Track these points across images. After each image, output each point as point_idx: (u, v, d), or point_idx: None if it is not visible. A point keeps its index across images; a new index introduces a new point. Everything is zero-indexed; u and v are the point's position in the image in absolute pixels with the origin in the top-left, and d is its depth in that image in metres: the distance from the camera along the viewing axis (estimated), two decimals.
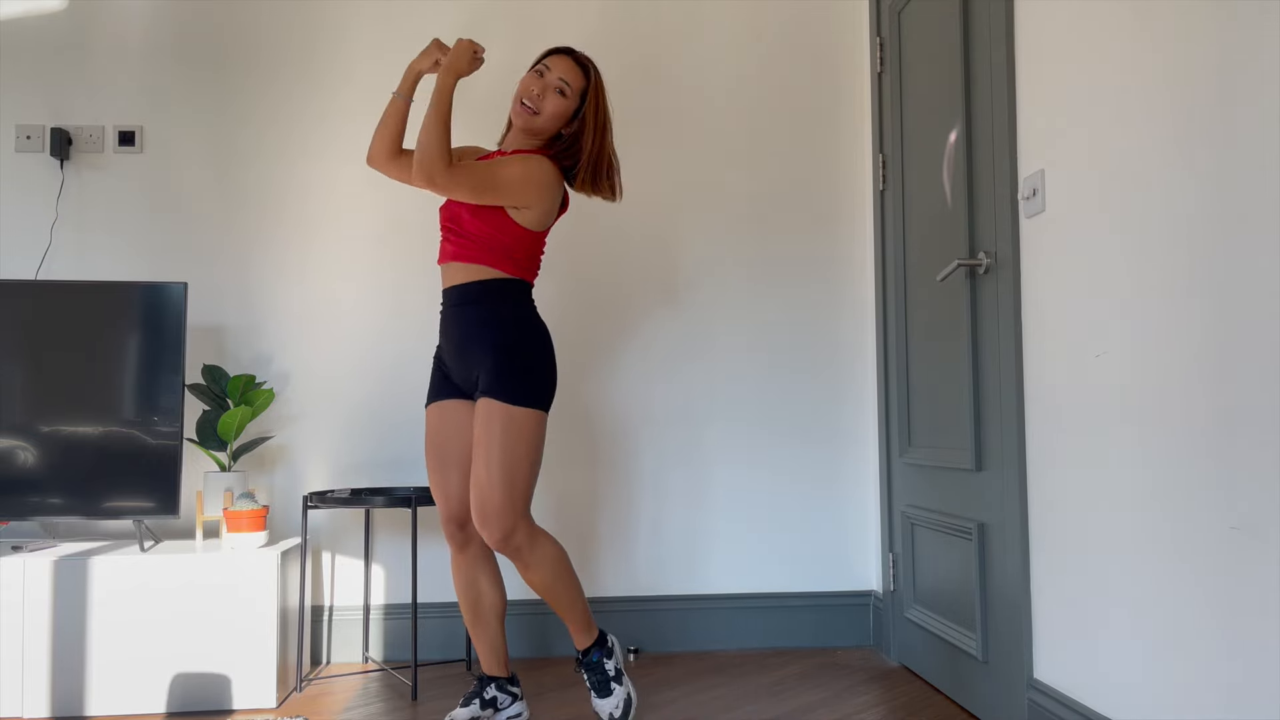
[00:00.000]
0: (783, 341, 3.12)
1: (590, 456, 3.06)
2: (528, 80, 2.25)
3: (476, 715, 2.22)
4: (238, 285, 3.02)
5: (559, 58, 2.27)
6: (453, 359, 2.24)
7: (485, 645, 2.30)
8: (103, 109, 3.01)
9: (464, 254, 2.20)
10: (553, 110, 2.24)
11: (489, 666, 2.30)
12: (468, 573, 2.28)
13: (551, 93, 2.24)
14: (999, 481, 2.19)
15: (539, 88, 2.24)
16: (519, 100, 2.24)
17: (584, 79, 2.28)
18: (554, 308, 3.06)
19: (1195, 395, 1.52)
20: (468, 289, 2.20)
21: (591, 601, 3.02)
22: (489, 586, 2.29)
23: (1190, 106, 1.53)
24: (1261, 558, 1.38)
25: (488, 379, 2.15)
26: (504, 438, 2.11)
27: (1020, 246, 2.09)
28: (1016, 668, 2.10)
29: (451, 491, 2.24)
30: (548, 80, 2.25)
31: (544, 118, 2.24)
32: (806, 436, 3.11)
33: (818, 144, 3.16)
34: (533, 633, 3.00)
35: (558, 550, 2.21)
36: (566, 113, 2.27)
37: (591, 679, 2.27)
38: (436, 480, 2.26)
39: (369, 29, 3.09)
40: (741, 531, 3.08)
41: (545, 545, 2.18)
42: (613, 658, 2.30)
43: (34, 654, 2.43)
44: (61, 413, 2.62)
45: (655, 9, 3.14)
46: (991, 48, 2.19)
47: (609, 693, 2.26)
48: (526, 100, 2.24)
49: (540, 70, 2.26)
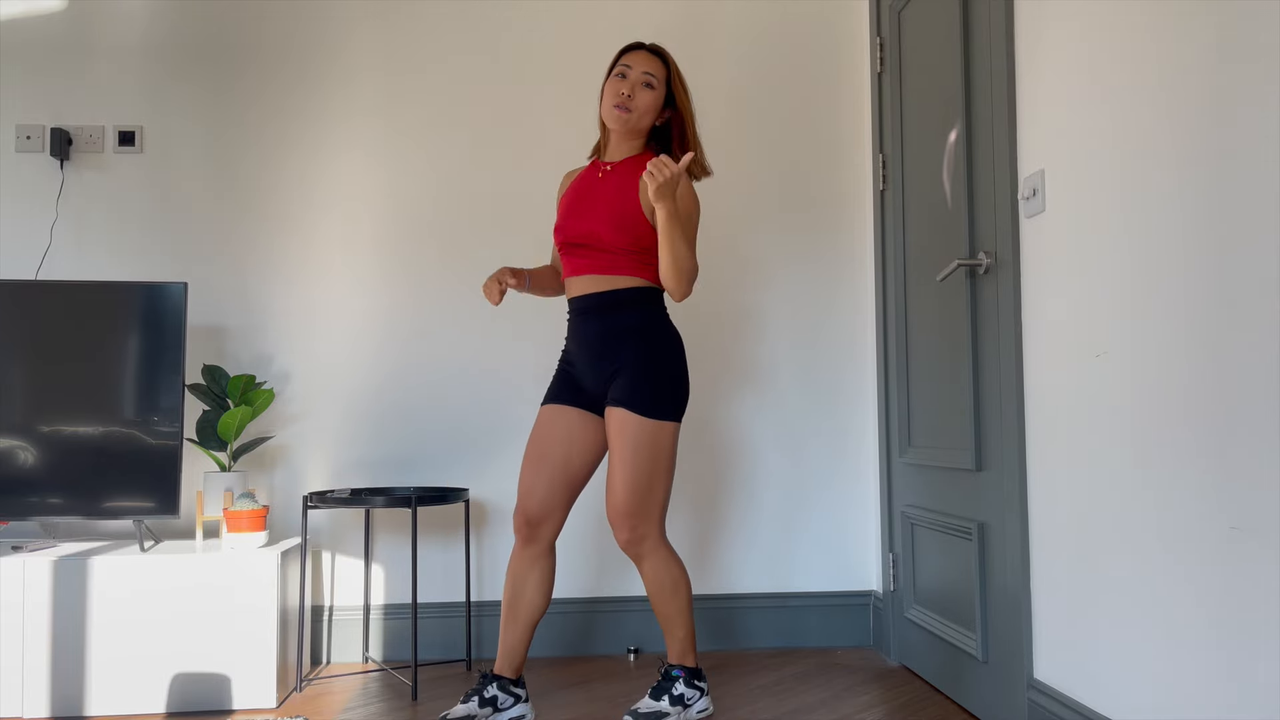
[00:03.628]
0: (782, 341, 3.12)
1: None
2: (613, 85, 2.28)
3: (472, 713, 2.22)
4: (238, 285, 3.02)
5: (634, 54, 2.30)
6: (588, 366, 2.27)
7: (506, 642, 2.30)
8: (103, 109, 3.01)
9: (607, 266, 2.24)
10: (645, 105, 2.28)
11: (500, 664, 2.30)
12: (521, 569, 2.28)
13: (640, 88, 2.27)
14: (999, 481, 2.19)
15: (627, 88, 2.26)
16: (612, 106, 2.26)
17: (664, 67, 2.32)
18: (554, 308, 3.06)
19: (1195, 395, 1.52)
20: (615, 296, 2.24)
21: (593, 602, 3.02)
22: (535, 590, 2.28)
23: (1190, 106, 1.53)
24: (1261, 557, 1.38)
25: (625, 390, 2.19)
26: (642, 451, 2.17)
27: (1020, 246, 2.09)
28: (1016, 668, 2.10)
29: (536, 490, 2.26)
30: (632, 78, 2.27)
31: (639, 114, 2.27)
32: (806, 436, 3.11)
33: (818, 144, 3.16)
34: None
35: (677, 569, 2.25)
36: (657, 104, 2.30)
37: (660, 684, 2.27)
38: (527, 474, 2.28)
39: (369, 29, 3.09)
40: (741, 531, 3.08)
41: (667, 560, 2.24)
42: (692, 692, 2.27)
43: (34, 654, 2.43)
44: (61, 413, 2.62)
45: (655, 9, 3.14)
46: (991, 48, 2.19)
47: (660, 700, 2.24)
48: (619, 103, 2.25)
49: (621, 72, 2.29)
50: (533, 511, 2.26)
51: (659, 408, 2.19)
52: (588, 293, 2.26)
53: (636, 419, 2.17)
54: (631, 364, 2.20)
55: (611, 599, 3.03)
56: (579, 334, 2.28)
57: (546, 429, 2.29)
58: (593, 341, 2.25)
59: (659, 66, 2.30)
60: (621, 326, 2.23)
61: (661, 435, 2.19)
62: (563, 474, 2.26)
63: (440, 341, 3.05)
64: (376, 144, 3.07)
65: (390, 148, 3.07)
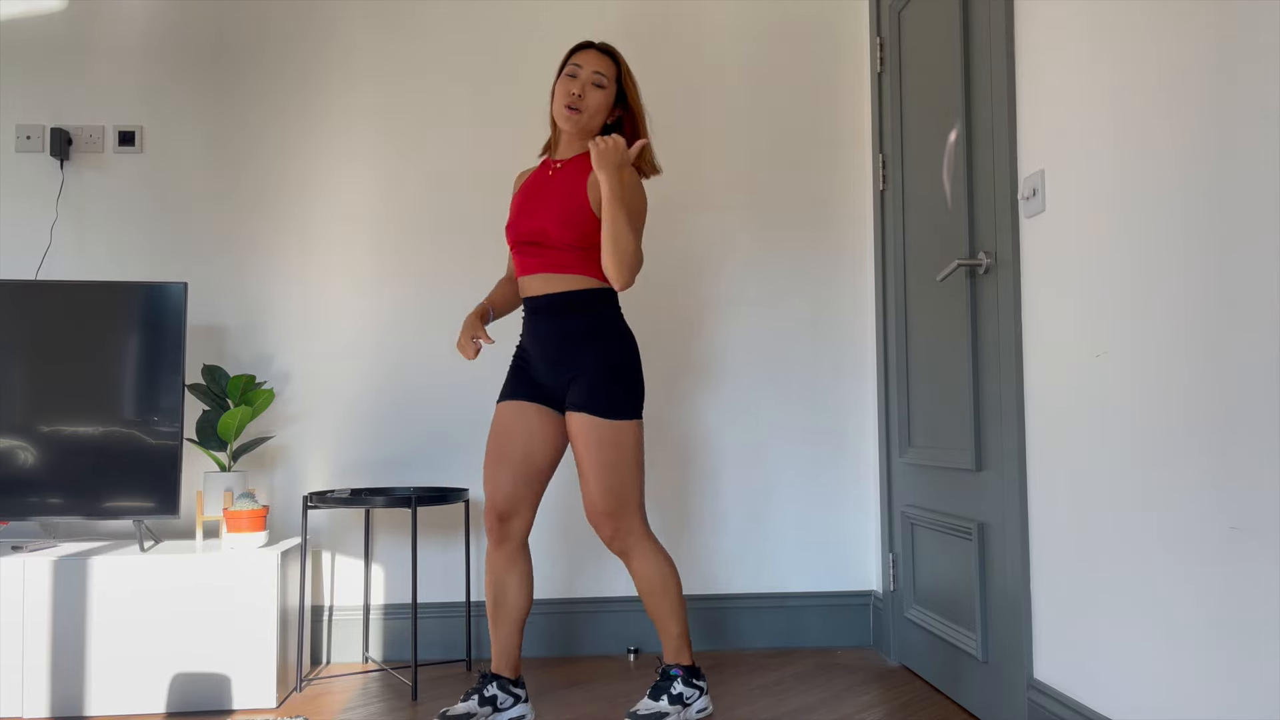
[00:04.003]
0: (782, 341, 3.12)
1: None
2: (563, 84, 2.27)
3: (472, 712, 2.22)
4: (238, 285, 3.02)
5: (585, 53, 2.30)
6: (544, 367, 2.27)
7: (498, 643, 2.30)
8: (103, 109, 3.01)
9: (557, 264, 2.24)
10: (596, 104, 2.28)
11: (497, 664, 2.30)
12: (499, 569, 2.29)
13: (590, 88, 2.27)
14: (999, 481, 2.19)
15: (577, 87, 2.26)
16: (562, 105, 2.26)
17: (614, 66, 2.31)
18: None
19: (1195, 395, 1.52)
20: (566, 298, 2.24)
21: (593, 602, 3.02)
22: (516, 588, 2.29)
23: (1190, 106, 1.53)
24: (1261, 557, 1.38)
25: (584, 395, 2.20)
26: (608, 452, 2.18)
27: (1020, 246, 2.09)
28: (1016, 668, 2.10)
29: (501, 485, 2.26)
30: (582, 77, 2.27)
31: (589, 114, 2.27)
32: (806, 436, 3.11)
33: (818, 144, 3.16)
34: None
35: (665, 565, 2.26)
36: (608, 103, 2.31)
37: (658, 683, 2.27)
38: (490, 472, 2.28)
39: (369, 29, 3.08)
40: (741, 532, 3.08)
41: (653, 556, 2.25)
42: (691, 691, 2.26)
43: (34, 654, 2.43)
44: (61, 413, 2.62)
45: (655, 8, 3.14)
46: (991, 48, 2.19)
47: (659, 700, 2.24)
48: (569, 103, 2.25)
49: (572, 71, 2.28)
50: (502, 506, 2.26)
51: (618, 408, 2.20)
52: (540, 293, 2.26)
53: (599, 422, 2.19)
54: (588, 368, 2.21)
55: (612, 599, 3.03)
56: (533, 333, 2.28)
57: (506, 425, 2.29)
58: (546, 344, 2.25)
59: (609, 65, 2.30)
60: (574, 330, 2.23)
61: (625, 434, 2.21)
62: (525, 469, 2.27)
63: (440, 341, 3.05)
64: (376, 144, 3.07)
65: (390, 148, 3.07)
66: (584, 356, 2.23)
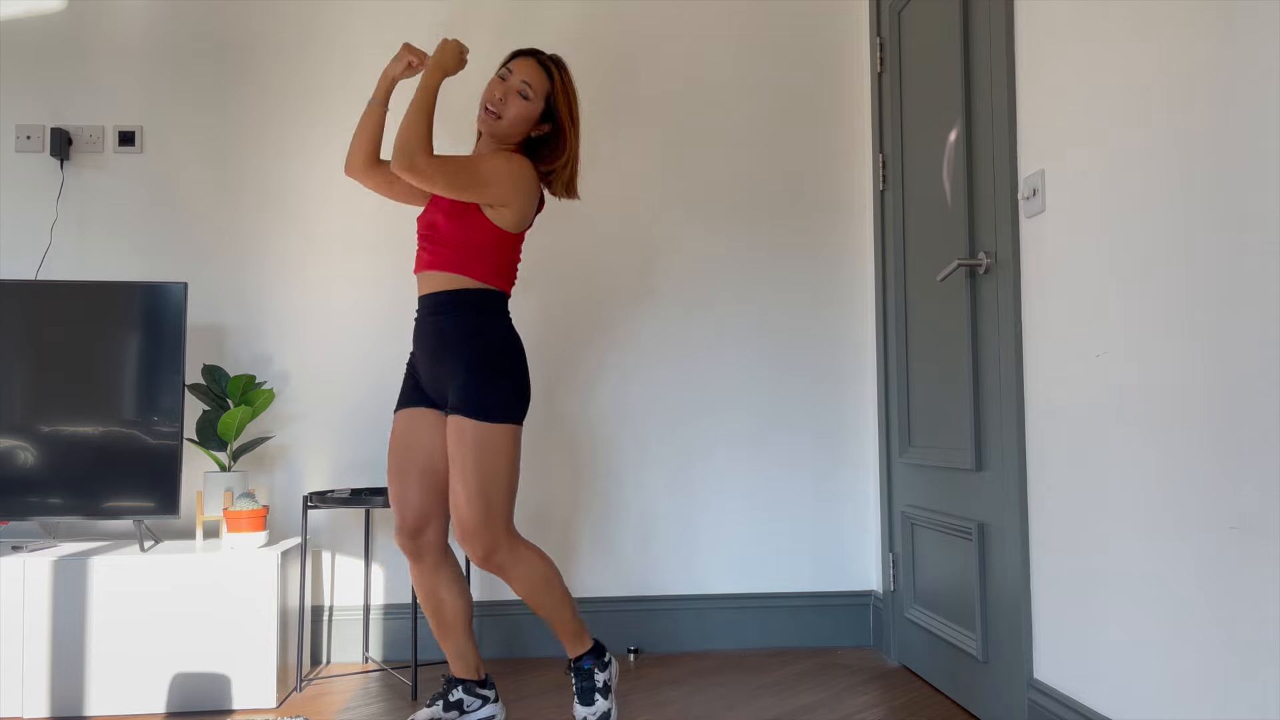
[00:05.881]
0: (782, 341, 3.12)
1: (594, 458, 3.06)
2: (491, 84, 2.20)
3: (437, 716, 2.20)
4: (238, 285, 3.02)
5: (522, 60, 2.22)
6: (425, 369, 2.21)
7: (452, 651, 2.27)
8: (103, 109, 3.01)
9: (441, 262, 2.16)
10: (515, 114, 2.18)
11: (456, 670, 2.28)
12: (426, 583, 2.23)
13: (514, 96, 2.18)
14: (999, 481, 2.19)
15: (501, 91, 2.19)
16: (482, 105, 2.20)
17: (547, 81, 2.21)
18: (552, 309, 3.06)
19: (1195, 395, 1.52)
20: (444, 298, 2.16)
21: (594, 602, 3.02)
22: (450, 595, 2.24)
23: (1190, 106, 1.53)
24: (1262, 557, 1.38)
25: (458, 396, 2.11)
26: (479, 456, 2.07)
27: (1020, 246, 2.09)
28: (1016, 668, 2.10)
29: (408, 501, 2.20)
30: (510, 84, 2.19)
31: (507, 122, 2.19)
32: (806, 436, 3.11)
33: (818, 144, 3.16)
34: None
35: (543, 565, 2.17)
36: (531, 116, 2.20)
37: (579, 684, 2.23)
38: (395, 489, 2.22)
39: (368, 29, 3.09)
40: (741, 532, 3.08)
41: (529, 560, 2.15)
42: (606, 671, 2.25)
43: (34, 654, 2.43)
44: (61, 413, 2.62)
45: (655, 8, 3.14)
46: (991, 48, 2.19)
47: (591, 702, 2.22)
48: (489, 105, 2.18)
49: (503, 74, 2.21)
50: (413, 522, 2.19)
51: (491, 411, 2.09)
52: (426, 292, 2.19)
53: (471, 424, 2.08)
54: (463, 369, 2.12)
55: (611, 599, 3.03)
56: (420, 339, 2.20)
57: (404, 436, 2.22)
58: (432, 348, 2.17)
59: (541, 79, 2.20)
60: (453, 330, 2.14)
61: (497, 438, 2.09)
62: (430, 478, 2.20)
63: None
64: None
65: (390, 148, 3.07)
66: (461, 358, 2.13)
